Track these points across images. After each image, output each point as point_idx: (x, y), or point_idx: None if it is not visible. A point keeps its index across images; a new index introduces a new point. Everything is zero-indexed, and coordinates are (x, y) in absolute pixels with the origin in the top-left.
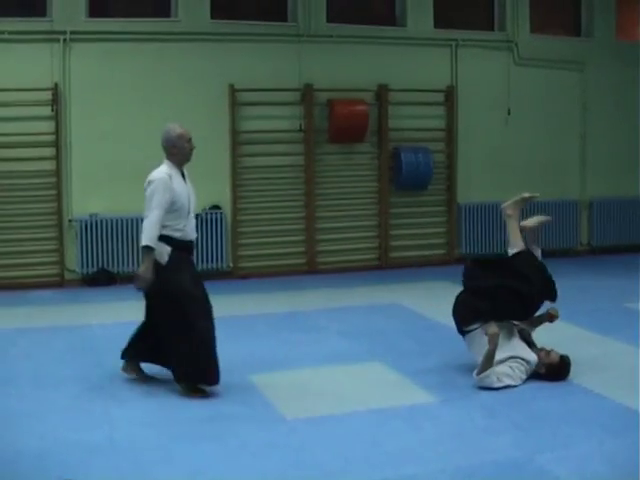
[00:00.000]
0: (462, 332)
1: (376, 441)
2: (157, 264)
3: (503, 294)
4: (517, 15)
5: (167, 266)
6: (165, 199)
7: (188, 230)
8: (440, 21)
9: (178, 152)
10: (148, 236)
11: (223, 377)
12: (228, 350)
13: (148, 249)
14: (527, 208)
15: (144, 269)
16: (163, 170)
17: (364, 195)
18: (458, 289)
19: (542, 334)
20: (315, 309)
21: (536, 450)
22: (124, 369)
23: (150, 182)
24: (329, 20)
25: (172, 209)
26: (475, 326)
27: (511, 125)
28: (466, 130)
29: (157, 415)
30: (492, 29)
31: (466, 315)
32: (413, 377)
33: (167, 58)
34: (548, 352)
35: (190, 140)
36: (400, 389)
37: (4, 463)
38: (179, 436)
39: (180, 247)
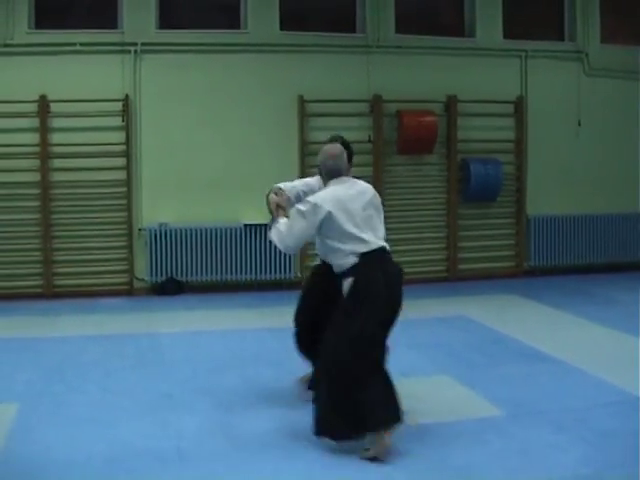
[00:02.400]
0: None
1: (442, 455)
2: None
3: None
4: (587, 25)
5: None
6: None
7: None
8: (509, 32)
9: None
10: None
11: (290, 384)
12: (295, 361)
13: None
14: (593, 221)
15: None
16: None
17: (432, 206)
18: (527, 302)
19: (607, 346)
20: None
21: (605, 467)
22: None
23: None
24: (398, 31)
25: None
26: None
27: (581, 137)
28: (536, 142)
29: (225, 425)
30: (562, 39)
31: None
32: (480, 390)
33: (236, 69)
34: None
35: None
36: (467, 402)
37: (73, 467)
38: (246, 447)
39: None
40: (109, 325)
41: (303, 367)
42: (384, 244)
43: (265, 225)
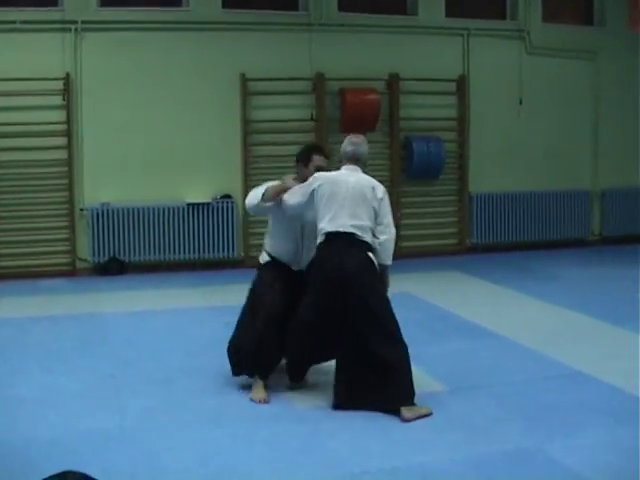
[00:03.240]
0: None
1: (386, 430)
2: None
3: None
4: (529, 4)
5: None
6: None
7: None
8: (451, 10)
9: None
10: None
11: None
12: None
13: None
14: (535, 199)
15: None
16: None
17: None
18: (469, 278)
19: (548, 321)
20: None
21: (546, 440)
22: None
23: (382, 191)
24: (340, 9)
25: None
26: None
27: (523, 115)
28: (478, 119)
29: (168, 403)
30: (504, 18)
31: None
32: (423, 366)
33: (178, 48)
34: None
35: None
36: None
37: (14, 451)
38: (190, 424)
39: None
40: (51, 306)
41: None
42: (355, 232)
43: (207, 204)
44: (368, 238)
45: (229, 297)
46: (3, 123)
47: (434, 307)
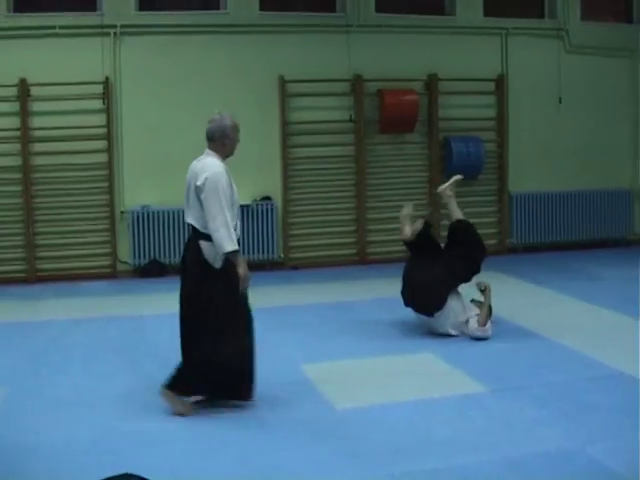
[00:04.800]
0: (432, 313)
1: (426, 431)
2: (208, 267)
3: (456, 263)
4: (567, 2)
5: (220, 272)
6: (227, 196)
7: (238, 231)
8: (490, 9)
9: (230, 144)
10: (231, 239)
11: (273, 366)
12: (278, 340)
13: (235, 252)
14: (575, 198)
15: (245, 270)
16: (218, 163)
17: (414, 185)
18: (510, 279)
19: (589, 322)
20: (365, 300)
21: (587, 441)
22: None
23: (207, 178)
24: (378, 10)
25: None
26: (448, 301)
27: (562, 114)
28: (517, 119)
29: (209, 405)
30: (542, 17)
31: (438, 296)
32: (464, 367)
33: (216, 50)
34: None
35: (238, 133)
36: (451, 379)
37: (56, 451)
38: (230, 424)
39: None
40: (93, 308)
41: (284, 349)
42: (192, 222)
43: (246, 206)
44: (203, 228)
45: (269, 298)
46: (45, 127)
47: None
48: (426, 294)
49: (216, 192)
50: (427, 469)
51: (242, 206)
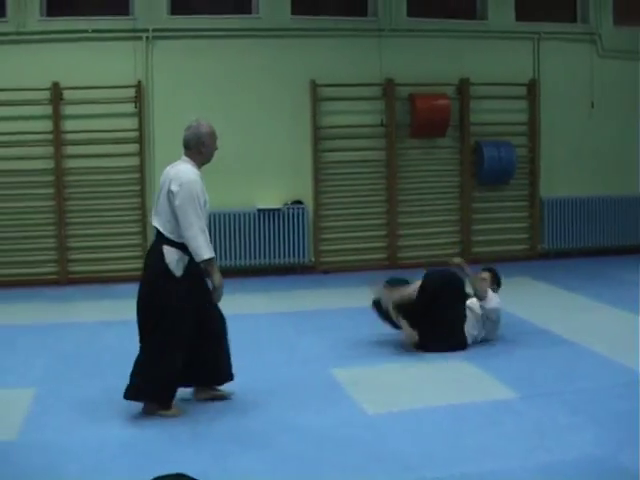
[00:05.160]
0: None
1: (456, 436)
2: (168, 273)
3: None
4: (600, 6)
5: (181, 280)
6: (201, 204)
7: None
8: (522, 14)
9: (206, 152)
10: (208, 247)
11: (303, 370)
12: (308, 344)
13: (212, 259)
14: (607, 203)
15: (219, 279)
16: (193, 170)
17: (446, 190)
18: (541, 284)
19: (621, 328)
20: None
21: (617, 448)
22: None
23: (182, 185)
24: (409, 14)
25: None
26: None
27: (595, 119)
28: (549, 124)
29: (239, 407)
30: (575, 21)
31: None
32: (494, 373)
33: (249, 54)
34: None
35: (216, 141)
36: (481, 385)
37: (88, 452)
38: (259, 427)
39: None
40: (124, 311)
41: (315, 353)
42: (158, 226)
43: (277, 210)
44: (170, 233)
45: (300, 302)
46: (78, 131)
47: (505, 313)
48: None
49: (192, 200)
50: (457, 474)
51: (273, 210)
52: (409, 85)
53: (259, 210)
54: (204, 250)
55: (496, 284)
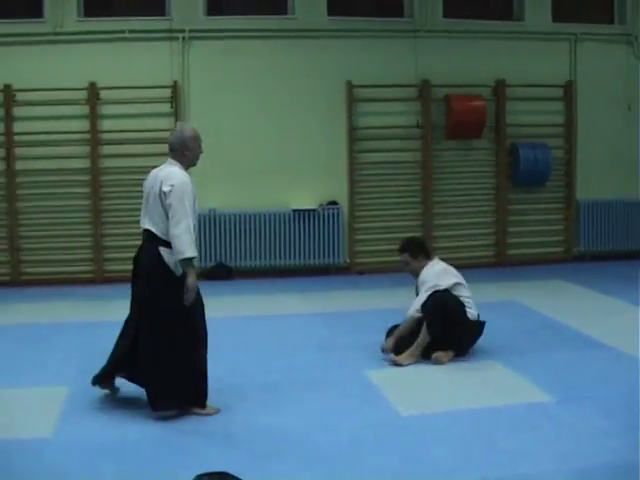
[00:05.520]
0: None
1: (491, 439)
2: (170, 274)
3: None
4: (637, 7)
5: (181, 279)
6: (191, 204)
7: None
8: (558, 15)
9: (190, 155)
10: (192, 246)
11: (338, 371)
12: (343, 344)
13: (191, 259)
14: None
15: (194, 281)
16: (183, 173)
17: (481, 191)
18: (576, 287)
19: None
20: None
21: None
22: (100, 384)
23: (174, 185)
24: (445, 15)
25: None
26: None
27: (631, 121)
28: (585, 126)
29: (273, 407)
30: (612, 22)
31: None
32: (530, 376)
33: (284, 55)
34: None
35: (201, 144)
36: (516, 388)
37: (123, 449)
38: (296, 428)
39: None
40: None
41: (349, 354)
42: (150, 228)
43: (313, 210)
44: (164, 234)
45: (335, 303)
46: (113, 130)
47: (541, 316)
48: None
49: (182, 200)
50: (491, 478)
51: (308, 210)
52: (445, 86)
53: (294, 211)
54: (187, 248)
55: (422, 255)
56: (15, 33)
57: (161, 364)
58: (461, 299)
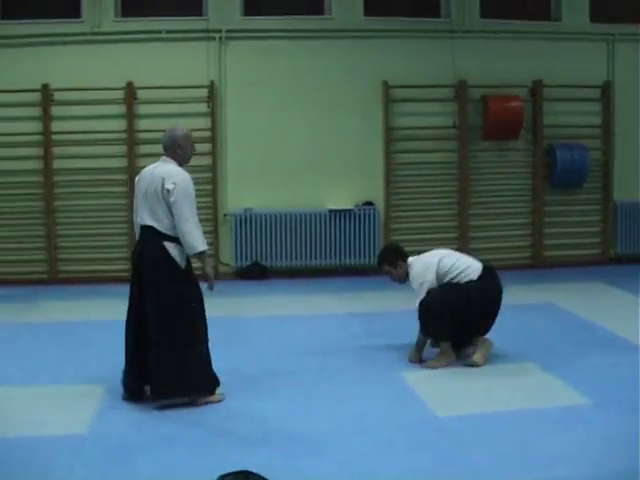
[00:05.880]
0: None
1: (527, 441)
2: (176, 267)
3: None
4: None
5: (186, 272)
6: (194, 200)
7: None
8: (596, 15)
9: (182, 153)
10: (203, 240)
11: (374, 372)
12: (379, 345)
13: (205, 252)
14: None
15: (212, 270)
16: (182, 170)
17: (518, 193)
18: (614, 290)
19: None
20: None
21: None
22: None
23: (177, 183)
24: (482, 15)
25: None
26: None
27: None
28: (623, 127)
29: (308, 407)
30: None
31: None
32: (566, 378)
33: (321, 55)
34: None
35: (193, 144)
36: (552, 390)
37: (159, 447)
38: (330, 429)
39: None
40: None
41: (385, 355)
42: (153, 224)
43: (348, 211)
44: (168, 230)
45: (370, 304)
46: (151, 130)
47: (577, 318)
48: None
49: (187, 196)
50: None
51: (344, 211)
52: (482, 87)
53: (330, 211)
54: (199, 243)
55: (400, 259)
56: (53, 33)
57: (166, 351)
58: (449, 274)
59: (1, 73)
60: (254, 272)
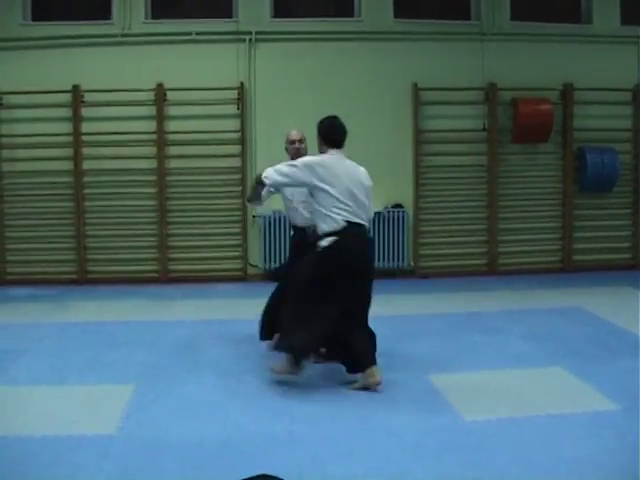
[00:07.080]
0: None
1: (555, 447)
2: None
3: None
4: None
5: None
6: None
7: None
8: (627, 17)
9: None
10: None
11: (402, 375)
12: (407, 349)
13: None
14: None
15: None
16: None
17: (547, 196)
18: None
19: None
20: (495, 311)
21: None
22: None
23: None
24: (513, 18)
25: None
26: None
27: None
28: None
29: (337, 410)
30: None
31: None
32: (595, 383)
33: (350, 57)
34: None
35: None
36: (581, 395)
37: (187, 448)
38: (358, 432)
39: None
40: (223, 310)
41: (413, 358)
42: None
43: (378, 213)
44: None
45: (399, 307)
46: (181, 131)
47: (607, 323)
48: None
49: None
50: None
51: (374, 213)
52: (512, 89)
53: None
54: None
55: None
56: (83, 35)
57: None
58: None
59: (32, 74)
60: (282, 274)
